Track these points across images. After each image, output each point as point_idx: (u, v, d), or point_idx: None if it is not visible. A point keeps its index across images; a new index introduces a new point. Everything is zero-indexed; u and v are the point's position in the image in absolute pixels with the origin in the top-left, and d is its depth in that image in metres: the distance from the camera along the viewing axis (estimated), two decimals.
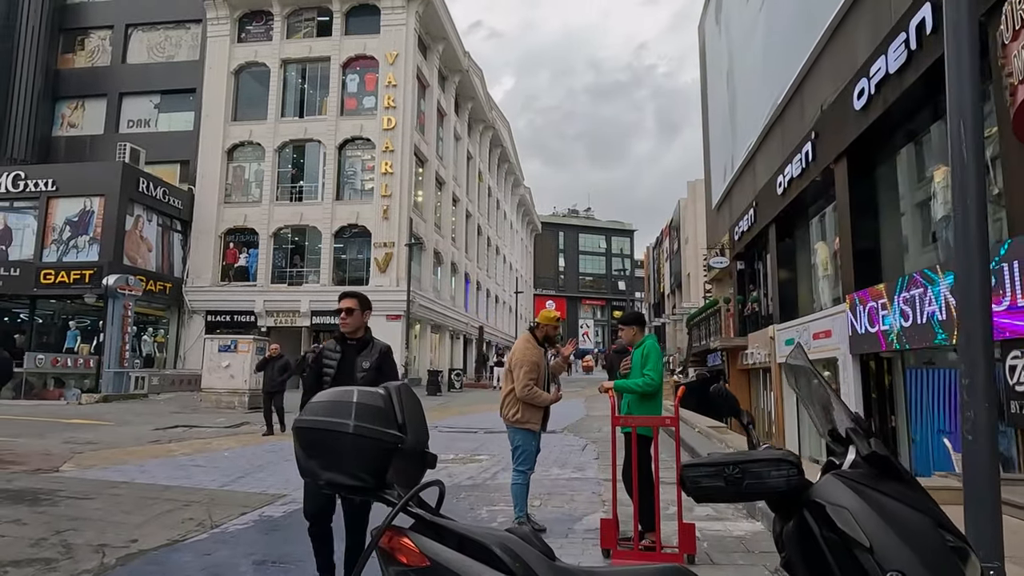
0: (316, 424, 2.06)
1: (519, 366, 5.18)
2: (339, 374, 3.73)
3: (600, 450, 9.97)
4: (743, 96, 18.68)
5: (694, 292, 44.84)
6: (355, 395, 2.08)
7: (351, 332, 3.84)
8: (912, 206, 10.18)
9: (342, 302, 3.84)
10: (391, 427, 2.03)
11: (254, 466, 8.49)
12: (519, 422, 5.18)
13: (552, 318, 5.57)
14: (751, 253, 19.34)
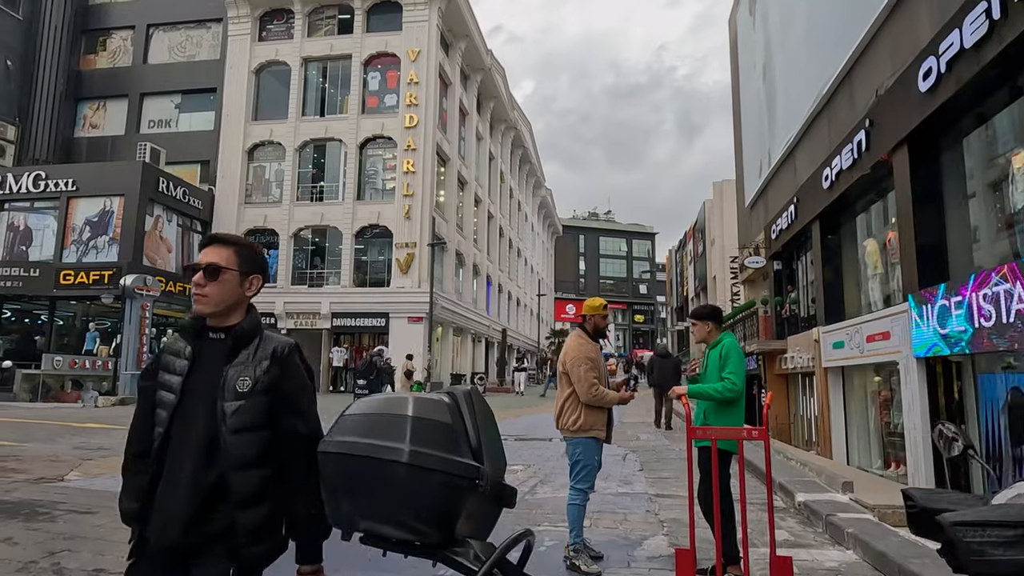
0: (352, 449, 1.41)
1: (576, 364, 4.50)
2: (186, 401, 1.86)
3: (643, 460, 9.25)
4: (782, 88, 17.86)
5: (720, 295, 43.83)
6: (411, 405, 1.41)
7: (213, 313, 1.93)
8: (983, 195, 9.35)
9: (202, 253, 1.99)
10: (463, 453, 1.36)
11: None
12: (582, 430, 4.49)
13: (598, 306, 4.89)
14: (789, 252, 18.46)
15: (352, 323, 25.83)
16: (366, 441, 1.34)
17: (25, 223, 24.05)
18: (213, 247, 1.99)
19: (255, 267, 2.02)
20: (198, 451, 1.80)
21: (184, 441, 1.82)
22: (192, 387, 1.87)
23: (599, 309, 4.82)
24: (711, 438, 3.93)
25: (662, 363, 15.90)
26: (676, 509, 6.21)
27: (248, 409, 1.81)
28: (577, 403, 4.51)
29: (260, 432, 1.79)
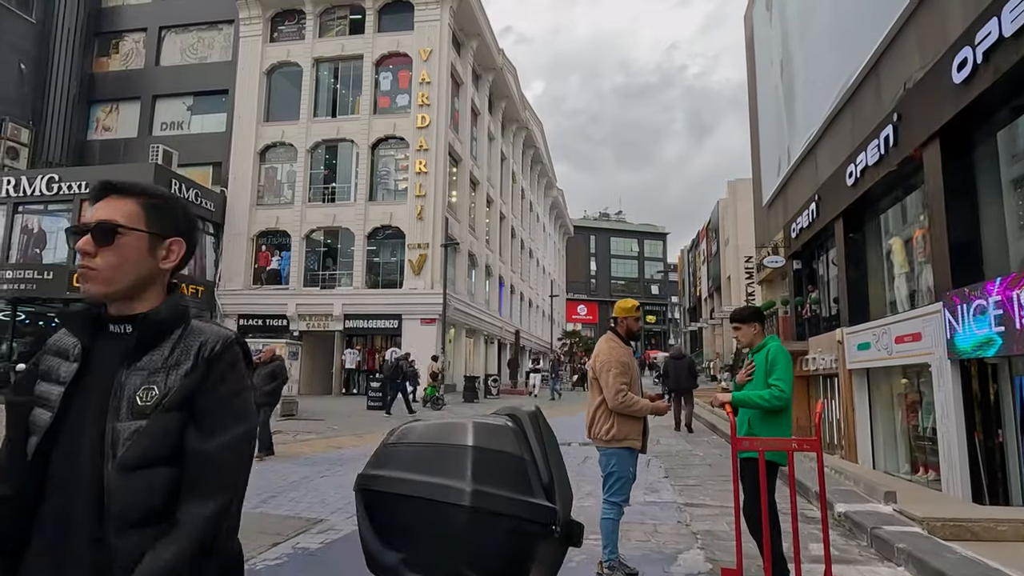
0: (401, 488, 1.17)
1: (605, 369, 4.25)
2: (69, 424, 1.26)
3: (667, 466, 8.96)
4: (801, 84, 17.51)
5: (735, 295, 43.39)
6: (471, 433, 1.17)
7: (110, 295, 1.35)
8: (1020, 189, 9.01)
9: (93, 209, 1.43)
10: (535, 492, 1.12)
11: (287, 483, 7.67)
12: (615, 440, 4.23)
13: (631, 308, 4.61)
14: (810, 251, 18.11)
15: (365, 325, 25.66)
16: (418, 478, 1.10)
17: (39, 226, 24.08)
18: (109, 200, 1.38)
19: (174, 227, 1.40)
20: (84, 504, 1.21)
21: (64, 486, 1.23)
22: (78, 403, 1.26)
23: (631, 311, 4.55)
24: (758, 449, 3.67)
25: (677, 365, 15.55)
26: (708, 520, 5.95)
27: (148, 434, 1.21)
28: (610, 411, 4.25)
29: (163, 470, 1.20)
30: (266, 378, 9.69)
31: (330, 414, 16.88)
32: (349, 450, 10.46)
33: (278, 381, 9.79)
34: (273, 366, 9.83)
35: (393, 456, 1.20)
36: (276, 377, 9.76)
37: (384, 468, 1.20)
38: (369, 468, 1.27)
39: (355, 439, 11.90)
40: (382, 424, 14.72)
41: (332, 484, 7.66)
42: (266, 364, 9.85)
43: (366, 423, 14.83)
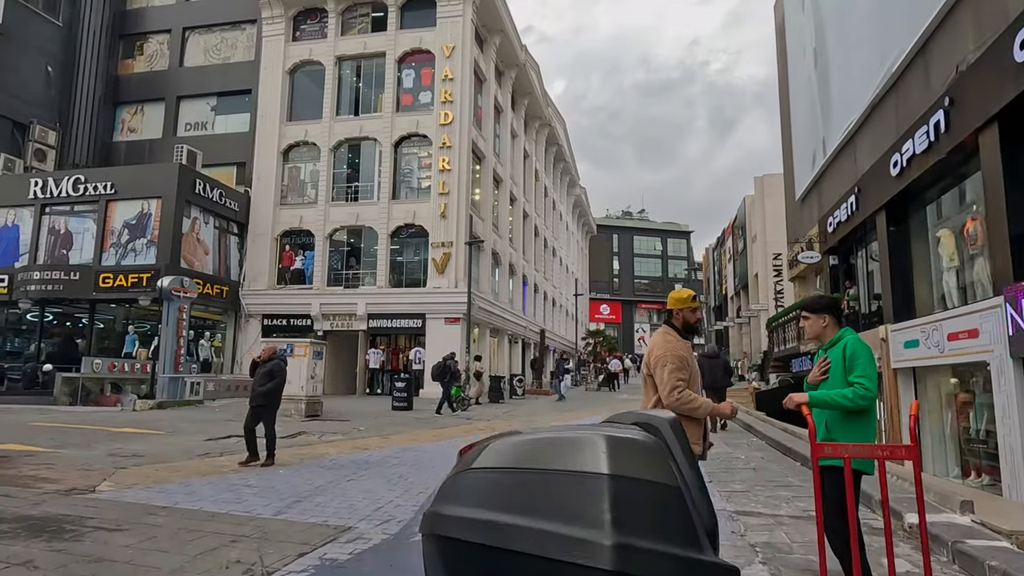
0: (497, 537, 0.78)
1: (660, 364, 3.84)
2: None
3: (709, 470, 8.49)
4: (838, 73, 16.88)
5: (763, 293, 42.53)
6: (603, 451, 0.78)
7: None
8: None
9: None
10: (702, 543, 0.73)
11: (313, 487, 7.36)
12: None
13: (686, 298, 4.18)
14: (847, 246, 17.49)
15: (388, 324, 25.43)
16: (524, 524, 0.72)
17: (65, 227, 24.20)
18: None
19: None
20: None
21: None
22: None
23: (687, 301, 4.14)
24: (844, 456, 3.23)
25: (711, 364, 15.11)
26: (764, 530, 5.50)
27: None
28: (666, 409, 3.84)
29: None
30: (263, 377, 9.09)
31: (355, 414, 16.63)
32: (376, 452, 10.15)
33: (276, 380, 9.10)
34: (271, 365, 9.21)
35: (480, 486, 0.82)
36: (274, 376, 9.08)
37: (467, 505, 0.82)
38: (443, 503, 0.89)
39: (381, 440, 11.60)
40: (409, 424, 14.42)
41: (359, 488, 7.33)
42: (264, 363, 9.26)
43: (392, 424, 14.53)
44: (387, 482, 7.73)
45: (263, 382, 9.04)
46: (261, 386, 9.02)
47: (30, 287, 22.43)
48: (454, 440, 11.85)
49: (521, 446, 0.85)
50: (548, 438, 0.82)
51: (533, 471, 0.79)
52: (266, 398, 9.07)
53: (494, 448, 0.88)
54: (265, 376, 9.07)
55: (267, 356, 9.31)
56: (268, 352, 9.39)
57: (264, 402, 9.04)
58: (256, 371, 9.24)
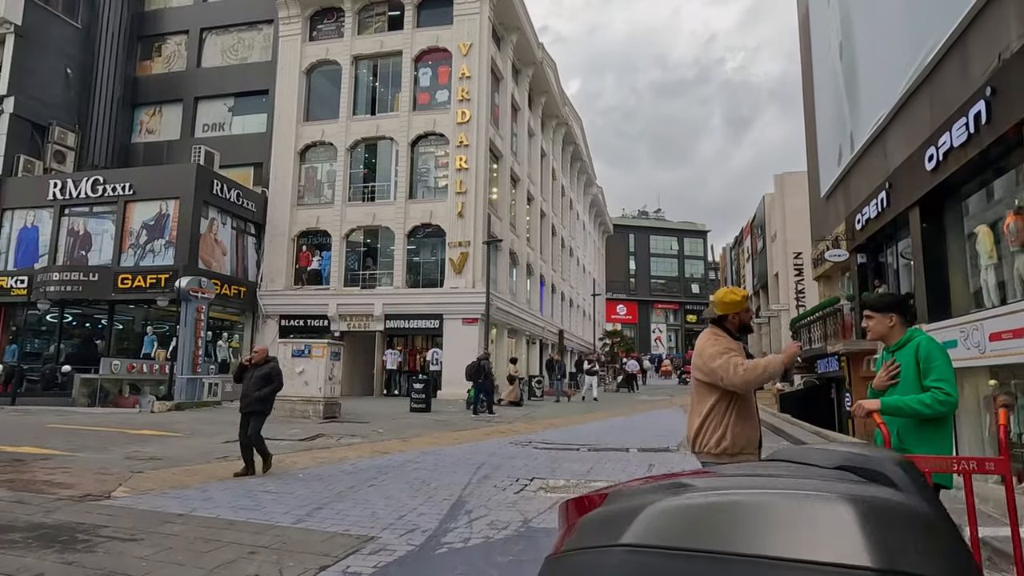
0: None
1: (714, 357, 3.50)
2: None
3: None
4: (866, 66, 16.42)
5: (783, 293, 41.91)
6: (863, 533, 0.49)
7: None
8: None
9: None
10: None
11: (333, 493, 7.12)
12: (727, 453, 3.46)
13: (740, 300, 3.83)
14: (876, 243, 17.02)
15: (405, 325, 25.23)
16: None
17: (84, 228, 24.26)
18: None
19: None
20: None
21: None
22: None
23: (742, 303, 3.80)
24: (924, 471, 2.91)
25: None
26: None
27: None
28: (723, 415, 3.53)
29: None
30: (260, 381, 8.42)
31: (373, 416, 16.42)
32: (395, 456, 9.90)
33: (274, 385, 8.54)
34: (269, 368, 8.58)
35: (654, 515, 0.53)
36: (271, 380, 8.50)
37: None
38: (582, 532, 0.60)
39: (401, 443, 11.36)
40: (428, 427, 14.19)
41: (380, 495, 7.08)
42: (258, 366, 8.58)
43: (411, 426, 14.30)
44: (409, 487, 7.48)
45: (259, 386, 8.40)
46: (257, 390, 8.39)
47: (49, 288, 22.48)
48: (476, 443, 11.59)
49: (702, 512, 0.57)
50: (746, 501, 0.54)
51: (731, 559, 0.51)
52: (263, 403, 8.49)
53: (654, 515, 0.59)
54: (261, 380, 8.44)
55: (261, 358, 8.68)
56: (261, 354, 8.78)
57: (261, 408, 8.46)
58: (246, 375, 8.56)
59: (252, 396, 8.39)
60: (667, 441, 11.93)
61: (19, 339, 24.14)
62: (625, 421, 16.21)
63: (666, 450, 10.77)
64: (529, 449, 10.83)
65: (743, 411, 3.57)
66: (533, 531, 5.65)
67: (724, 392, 3.52)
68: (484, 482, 7.86)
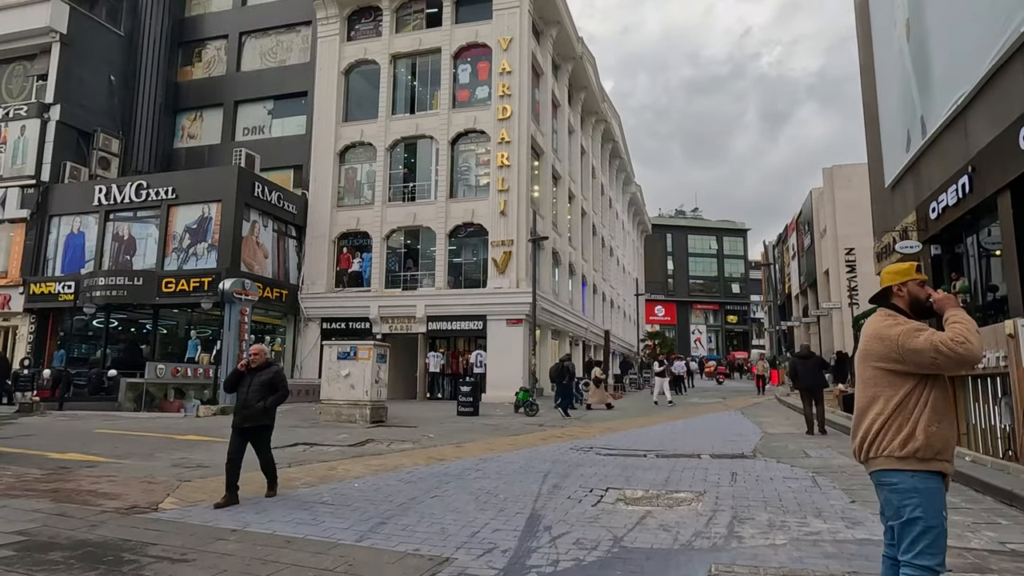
0: None
1: (907, 336, 2.79)
2: None
3: (842, 486, 7.32)
4: (940, 42, 15.31)
5: (834, 291, 40.38)
6: None
7: None
8: None
9: None
10: None
11: (394, 505, 6.51)
12: (919, 458, 2.76)
13: (908, 269, 3.10)
14: (954, 233, 15.88)
15: (448, 327, 24.71)
16: None
17: (129, 232, 24.33)
18: None
19: None
20: None
21: None
22: None
23: (911, 272, 3.07)
24: None
25: (805, 364, 13.92)
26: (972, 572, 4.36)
27: None
28: (915, 409, 2.79)
29: None
30: (262, 390, 6.91)
31: (420, 420, 15.88)
32: (452, 464, 9.28)
33: (280, 392, 7.05)
34: (272, 373, 7.07)
35: None
36: (276, 389, 7.00)
37: None
38: None
39: (456, 450, 10.74)
40: (479, 431, 13.57)
41: (446, 508, 6.45)
42: (257, 371, 7.04)
43: (461, 430, 13.70)
44: (475, 499, 6.83)
45: (261, 395, 6.89)
46: (259, 400, 6.87)
47: (95, 293, 22.52)
48: (534, 448, 10.93)
49: None
50: None
51: None
52: (268, 415, 7.03)
53: None
54: (264, 388, 6.93)
55: (260, 362, 7.10)
56: (260, 356, 7.15)
57: (266, 421, 7.03)
58: (243, 382, 7.00)
59: (254, 407, 6.87)
60: (739, 446, 11.10)
61: (67, 344, 24.28)
62: (684, 425, 15.36)
63: (742, 456, 9.95)
64: (592, 455, 10.12)
65: (940, 403, 2.83)
66: (628, 552, 4.95)
67: (920, 379, 2.80)
68: (555, 492, 7.18)
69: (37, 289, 24.56)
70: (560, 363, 18.56)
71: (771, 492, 7.09)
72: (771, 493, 7.03)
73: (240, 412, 6.92)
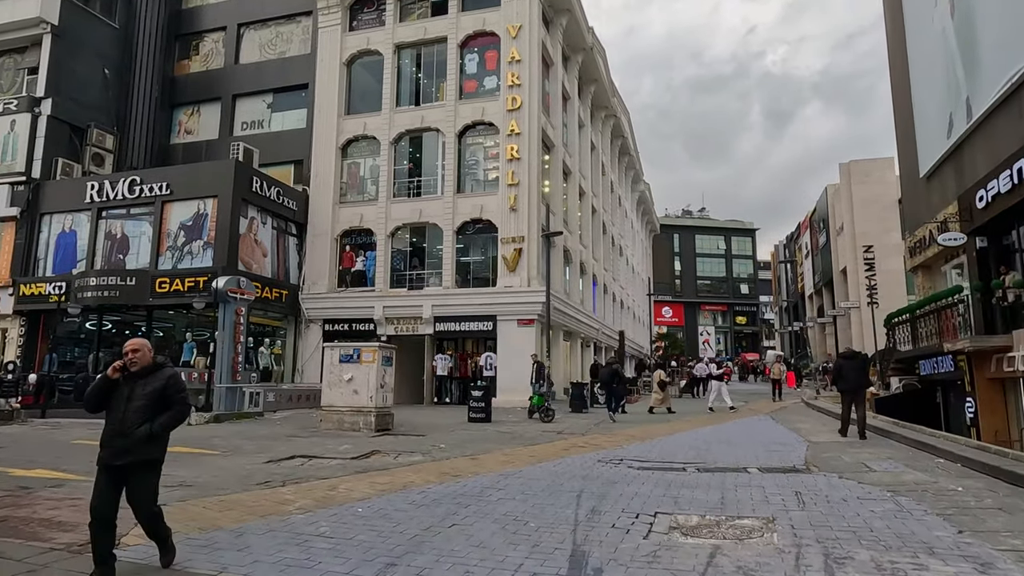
0: None
1: None
2: None
3: (935, 509, 6.16)
4: (992, 15, 14.17)
5: (852, 289, 39.19)
6: None
7: None
8: None
9: None
10: None
11: (406, 539, 5.39)
12: None
13: None
14: (1004, 224, 14.69)
15: (456, 327, 23.57)
16: None
17: (122, 230, 23.29)
18: None
19: None
20: None
21: None
22: None
23: None
24: None
25: (850, 365, 12.83)
26: None
27: None
28: None
29: None
30: (147, 407, 4.48)
31: (429, 428, 14.75)
32: (469, 480, 8.16)
33: (173, 412, 4.60)
34: (165, 378, 4.59)
35: None
36: (170, 402, 4.58)
37: None
38: None
39: (471, 463, 9.61)
40: (494, 440, 12.43)
41: (468, 541, 5.34)
42: (144, 377, 4.54)
43: (474, 439, 12.57)
44: (502, 529, 5.71)
45: (145, 414, 4.44)
46: (141, 422, 4.42)
47: (86, 294, 21.48)
48: (559, 460, 9.80)
49: None
50: None
51: None
52: (156, 446, 4.58)
53: None
54: (151, 403, 4.48)
55: (145, 363, 4.55)
56: (144, 355, 4.55)
57: (153, 454, 4.58)
58: (117, 394, 4.49)
59: (135, 434, 4.40)
60: (786, 458, 9.95)
61: (58, 348, 23.22)
62: (714, 432, 14.19)
63: (795, 470, 8.80)
64: (624, 469, 9.00)
65: None
66: None
67: None
68: (595, 519, 6.06)
69: (27, 290, 23.53)
70: (609, 366, 19.24)
71: (854, 519, 5.95)
72: (855, 520, 5.89)
73: (111, 441, 4.45)
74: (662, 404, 19.40)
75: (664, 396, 19.64)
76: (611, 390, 17.95)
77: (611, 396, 17.89)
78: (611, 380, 18.09)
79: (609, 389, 18.01)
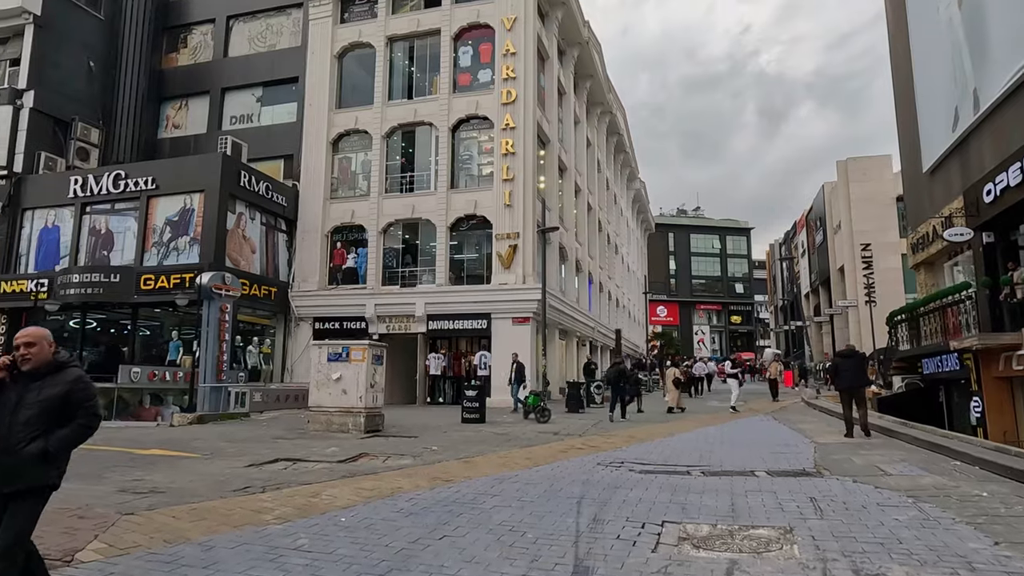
0: None
1: None
2: None
3: (963, 517, 5.70)
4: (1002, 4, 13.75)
5: (850, 288, 38.82)
6: None
7: None
8: None
9: None
10: None
11: (392, 553, 4.90)
12: None
13: None
14: (1012, 218, 14.30)
15: (450, 326, 23.07)
16: None
17: (106, 226, 22.70)
18: None
19: None
20: None
21: None
22: None
23: None
24: None
25: (847, 363, 12.44)
26: None
27: None
28: None
29: None
30: (42, 415, 3.40)
31: (421, 429, 14.26)
32: (462, 484, 7.68)
33: (76, 426, 3.47)
34: (68, 384, 3.49)
35: None
36: (73, 411, 3.48)
37: None
38: None
39: (464, 467, 9.12)
40: (489, 442, 11.95)
41: (459, 555, 4.85)
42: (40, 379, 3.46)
43: (468, 441, 12.08)
44: (498, 541, 5.24)
45: (37, 427, 3.37)
46: (30, 438, 3.34)
47: (69, 291, 20.89)
48: (556, 463, 9.33)
49: None
50: None
51: None
52: (54, 468, 3.49)
53: None
54: (46, 412, 3.42)
55: (40, 361, 3.48)
56: (43, 349, 3.51)
57: (43, 479, 3.46)
58: (4, 396, 3.42)
59: (23, 452, 3.34)
60: (794, 460, 9.51)
61: None
62: (716, 432, 13.76)
63: (804, 474, 8.36)
64: (625, 472, 8.54)
65: None
66: None
67: None
68: (598, 529, 5.59)
69: (8, 287, 22.89)
70: (615, 365, 19.13)
71: (878, 528, 5.49)
72: (880, 530, 5.44)
73: None
74: (676, 403, 19.20)
75: (676, 394, 19.41)
76: (617, 389, 17.57)
77: (615, 396, 17.43)
78: (617, 379, 17.75)
79: (615, 389, 17.66)
